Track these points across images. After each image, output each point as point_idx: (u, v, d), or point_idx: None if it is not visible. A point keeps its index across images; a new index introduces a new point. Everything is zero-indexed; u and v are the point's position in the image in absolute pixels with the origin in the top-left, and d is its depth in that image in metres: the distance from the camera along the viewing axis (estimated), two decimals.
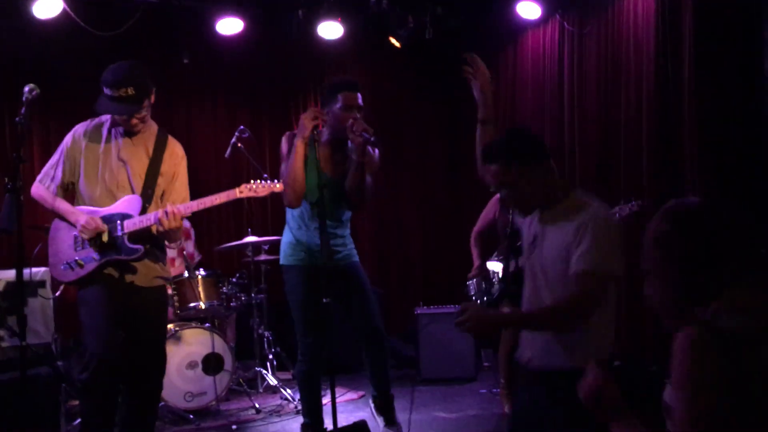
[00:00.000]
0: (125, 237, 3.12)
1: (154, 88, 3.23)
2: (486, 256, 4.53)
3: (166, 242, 3.32)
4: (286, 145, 3.58)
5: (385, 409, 3.72)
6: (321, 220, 3.30)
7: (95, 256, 3.12)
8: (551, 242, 2.33)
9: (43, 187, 3.24)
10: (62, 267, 3.15)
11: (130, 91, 3.10)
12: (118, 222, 3.13)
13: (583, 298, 2.20)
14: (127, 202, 3.18)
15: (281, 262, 3.75)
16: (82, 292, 3.16)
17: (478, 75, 2.92)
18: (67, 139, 3.29)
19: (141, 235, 3.16)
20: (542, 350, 2.36)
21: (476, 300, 4.52)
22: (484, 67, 2.96)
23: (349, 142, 3.50)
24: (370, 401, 3.81)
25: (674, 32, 5.07)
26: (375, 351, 3.66)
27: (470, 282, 4.55)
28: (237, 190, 3.32)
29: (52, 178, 3.24)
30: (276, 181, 3.45)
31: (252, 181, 3.37)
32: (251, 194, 3.36)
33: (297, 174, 3.44)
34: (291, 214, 3.68)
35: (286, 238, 3.72)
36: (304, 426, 3.75)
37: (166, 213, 3.09)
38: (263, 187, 3.39)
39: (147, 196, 3.21)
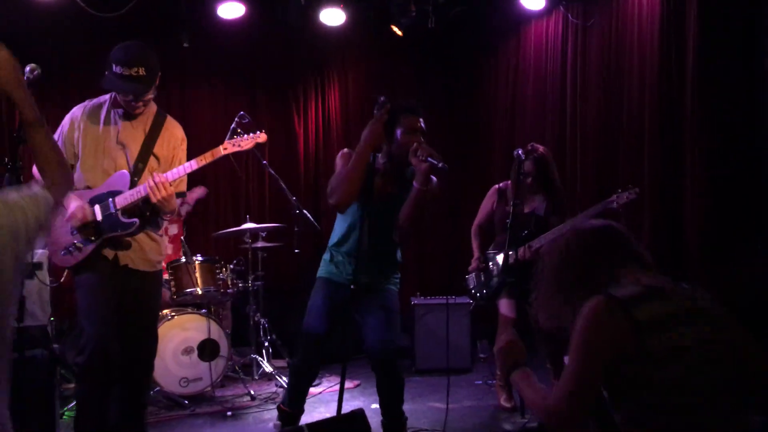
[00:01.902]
0: (119, 213, 3.10)
1: (160, 72, 3.20)
2: (485, 249, 4.52)
3: (163, 214, 3.26)
4: (342, 161, 3.26)
5: None
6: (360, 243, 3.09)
7: (92, 236, 3.10)
8: None
9: None
10: (62, 253, 3.13)
11: (142, 71, 3.08)
12: (110, 200, 3.11)
13: None
14: (115, 179, 3.16)
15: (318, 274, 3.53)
16: (79, 277, 3.14)
17: None
18: (65, 122, 3.25)
19: (135, 209, 3.14)
20: None
21: (475, 293, 4.51)
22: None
23: (412, 167, 3.14)
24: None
25: (678, 26, 5.06)
26: (384, 378, 3.37)
27: (469, 275, 4.54)
28: (221, 147, 3.28)
29: None
30: (258, 132, 3.39)
31: (235, 136, 3.32)
32: (236, 149, 3.31)
33: (357, 176, 3.10)
34: (335, 234, 3.46)
35: (326, 256, 3.51)
36: (280, 409, 3.57)
37: (155, 184, 3.06)
38: (247, 140, 3.33)
39: (137, 170, 3.17)
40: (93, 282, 3.10)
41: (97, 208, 3.10)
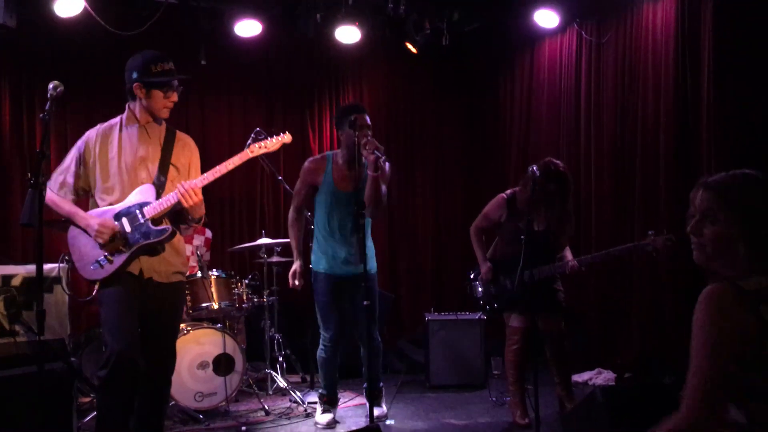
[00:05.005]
0: (148, 222, 3.14)
1: None
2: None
3: (191, 222, 3.28)
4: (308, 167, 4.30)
5: (375, 396, 4.38)
6: (356, 233, 4.02)
7: (122, 247, 3.13)
8: None
9: (54, 193, 3.22)
10: (92, 267, 3.14)
11: (173, 65, 3.24)
12: (137, 211, 3.14)
13: None
14: (140, 193, 3.19)
15: (311, 266, 4.32)
16: (104, 291, 3.16)
17: None
18: (80, 144, 3.28)
19: (163, 218, 3.19)
20: None
21: (484, 304, 4.47)
22: None
23: (363, 158, 3.85)
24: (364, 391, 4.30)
25: (694, 43, 5.04)
26: (369, 352, 4.09)
27: (477, 282, 4.49)
28: (248, 150, 3.34)
29: (63, 184, 3.23)
30: (283, 134, 3.46)
31: (263, 140, 3.38)
32: (263, 151, 3.38)
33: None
34: (316, 226, 4.32)
35: (314, 245, 4.35)
36: (321, 395, 4.41)
37: (185, 190, 3.11)
38: (273, 142, 3.40)
39: (160, 184, 3.21)
40: (118, 296, 3.12)
41: (124, 220, 3.14)
